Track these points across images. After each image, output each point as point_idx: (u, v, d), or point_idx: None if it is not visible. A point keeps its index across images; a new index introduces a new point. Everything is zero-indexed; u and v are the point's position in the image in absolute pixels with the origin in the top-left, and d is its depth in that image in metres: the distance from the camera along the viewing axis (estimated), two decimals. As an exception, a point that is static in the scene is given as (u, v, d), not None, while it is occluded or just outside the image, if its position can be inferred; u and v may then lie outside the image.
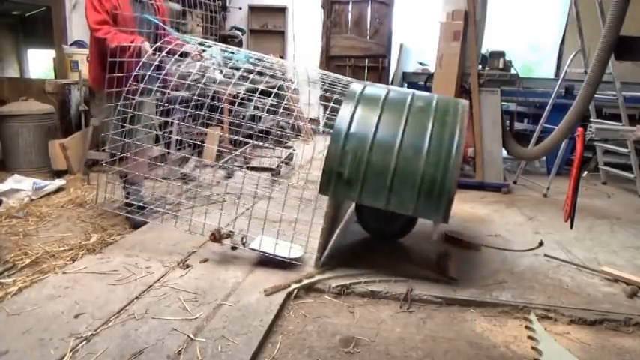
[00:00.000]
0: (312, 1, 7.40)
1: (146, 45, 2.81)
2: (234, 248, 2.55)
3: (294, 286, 2.24)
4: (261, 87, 2.67)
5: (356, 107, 2.40)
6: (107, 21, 2.82)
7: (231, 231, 2.56)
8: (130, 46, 2.76)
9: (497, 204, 3.93)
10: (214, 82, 4.89)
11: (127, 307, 2.03)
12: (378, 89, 2.58)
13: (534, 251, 2.81)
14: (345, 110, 2.39)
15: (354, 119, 2.35)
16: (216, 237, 2.49)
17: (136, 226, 2.99)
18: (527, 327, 2.06)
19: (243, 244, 2.54)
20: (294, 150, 5.03)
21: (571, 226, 2.63)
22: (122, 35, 2.81)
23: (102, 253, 2.58)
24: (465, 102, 2.51)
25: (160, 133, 3.41)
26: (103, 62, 2.78)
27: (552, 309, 2.17)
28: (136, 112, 2.70)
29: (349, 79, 2.73)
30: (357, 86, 2.55)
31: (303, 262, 2.50)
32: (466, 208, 3.76)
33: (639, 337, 2.05)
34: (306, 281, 2.28)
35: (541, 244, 2.85)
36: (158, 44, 2.85)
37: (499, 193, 4.26)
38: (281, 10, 7.64)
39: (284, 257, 2.47)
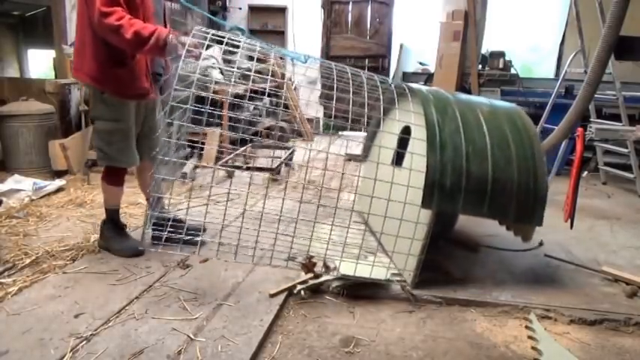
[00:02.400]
0: (312, 1, 7.40)
1: (173, 36, 2.26)
2: (317, 277, 2.29)
3: (299, 287, 2.24)
4: (267, 86, 2.48)
5: (437, 114, 2.34)
6: (119, 2, 2.23)
7: (311, 256, 2.36)
8: (150, 37, 2.18)
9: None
10: (214, 82, 4.90)
11: (127, 307, 2.03)
12: (441, 93, 2.59)
13: (534, 251, 2.81)
14: (431, 118, 2.31)
15: (441, 127, 2.29)
16: (309, 267, 2.31)
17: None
18: (527, 327, 2.06)
19: (328, 268, 2.35)
20: (294, 150, 5.03)
21: (571, 226, 2.63)
22: (139, 23, 2.21)
23: (102, 253, 2.58)
24: (517, 106, 2.56)
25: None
26: (105, 55, 2.33)
27: (552, 309, 2.17)
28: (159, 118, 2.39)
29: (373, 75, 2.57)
30: (418, 89, 2.53)
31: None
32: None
33: (639, 337, 2.05)
34: (311, 282, 2.27)
35: (541, 244, 2.86)
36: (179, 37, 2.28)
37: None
38: (281, 10, 7.64)
39: (381, 280, 2.28)
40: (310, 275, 2.29)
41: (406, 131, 2.76)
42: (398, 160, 2.73)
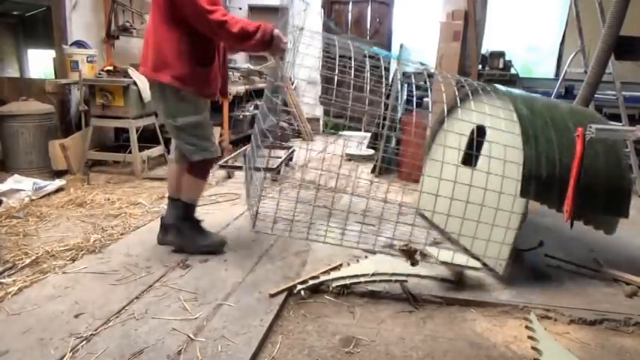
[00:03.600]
0: (312, 1, 7.40)
1: (277, 31, 2.31)
2: (413, 265, 2.34)
3: (299, 287, 2.24)
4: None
5: (526, 109, 2.45)
6: (217, 2, 2.27)
7: (408, 243, 2.40)
8: (256, 32, 2.24)
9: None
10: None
11: (127, 307, 2.03)
12: (523, 92, 2.75)
13: (534, 251, 2.81)
14: (522, 112, 2.42)
15: (532, 121, 2.39)
16: (411, 254, 2.32)
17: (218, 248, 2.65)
18: (527, 327, 2.06)
19: (424, 256, 2.39)
20: (294, 150, 5.03)
21: (571, 226, 2.62)
22: (243, 19, 2.30)
23: (102, 253, 2.58)
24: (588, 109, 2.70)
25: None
26: (190, 55, 2.34)
27: (552, 309, 2.17)
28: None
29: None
30: (503, 88, 2.65)
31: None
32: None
33: (639, 337, 2.05)
34: (311, 282, 2.28)
35: (541, 244, 2.85)
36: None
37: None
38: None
39: (477, 267, 2.41)
40: (408, 262, 2.34)
41: (477, 129, 2.86)
42: (469, 157, 2.79)
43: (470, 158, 2.74)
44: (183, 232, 2.60)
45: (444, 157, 2.71)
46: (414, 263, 2.34)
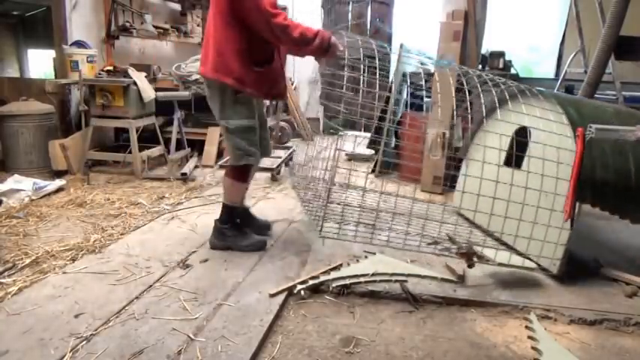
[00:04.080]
0: (312, 1, 7.40)
1: (334, 38, 2.42)
2: (470, 267, 2.38)
3: (299, 287, 2.24)
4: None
5: (576, 113, 2.47)
6: (278, 6, 2.36)
7: (464, 245, 2.47)
8: (314, 38, 2.34)
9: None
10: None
11: (127, 307, 2.03)
12: (569, 95, 2.79)
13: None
14: (573, 116, 2.44)
15: (582, 124, 2.36)
16: (469, 256, 2.35)
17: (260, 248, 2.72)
18: (527, 327, 2.06)
19: (480, 258, 2.40)
20: (294, 150, 5.03)
21: (571, 226, 2.62)
22: (303, 24, 2.37)
23: (102, 253, 2.58)
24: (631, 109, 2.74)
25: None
26: (250, 57, 2.41)
27: (552, 309, 2.17)
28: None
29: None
30: (550, 92, 2.71)
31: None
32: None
33: (639, 337, 2.05)
34: (311, 282, 2.28)
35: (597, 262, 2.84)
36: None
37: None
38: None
39: (532, 268, 2.47)
40: (466, 263, 2.38)
41: (519, 132, 2.89)
42: (510, 158, 2.82)
43: (512, 159, 2.77)
44: (225, 234, 2.70)
45: (484, 157, 2.75)
46: (470, 265, 2.38)
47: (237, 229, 2.74)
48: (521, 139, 2.83)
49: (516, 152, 2.73)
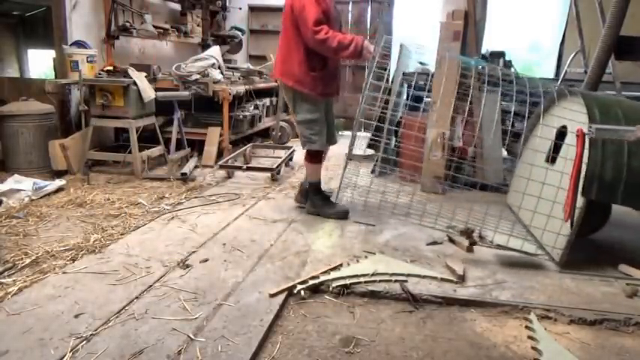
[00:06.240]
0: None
1: (367, 42, 2.93)
2: (472, 244, 2.62)
3: (299, 287, 2.24)
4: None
5: (600, 114, 2.54)
6: (323, 21, 2.90)
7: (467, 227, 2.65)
8: (350, 44, 2.88)
9: (496, 204, 3.92)
10: (215, 82, 4.90)
11: (127, 307, 2.03)
12: (608, 96, 2.98)
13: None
14: (594, 118, 2.51)
15: (602, 123, 2.46)
16: (469, 234, 2.58)
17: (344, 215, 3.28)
18: (527, 327, 2.06)
19: (482, 238, 2.60)
20: (294, 150, 5.03)
21: (571, 226, 2.63)
22: (340, 34, 2.93)
23: (102, 253, 2.58)
24: None
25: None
26: (308, 64, 3.01)
27: (552, 309, 2.17)
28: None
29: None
30: (583, 92, 2.80)
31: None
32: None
33: (639, 337, 2.05)
34: (311, 282, 2.28)
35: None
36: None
37: (499, 192, 4.25)
38: (281, 10, 7.63)
39: (531, 253, 2.60)
40: (466, 243, 2.65)
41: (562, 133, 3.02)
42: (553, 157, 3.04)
43: (553, 157, 2.97)
44: (315, 203, 3.34)
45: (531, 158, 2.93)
46: (472, 243, 2.62)
47: (325, 200, 3.36)
48: (560, 141, 2.97)
49: (553, 152, 2.94)
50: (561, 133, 2.99)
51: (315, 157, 3.30)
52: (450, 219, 2.87)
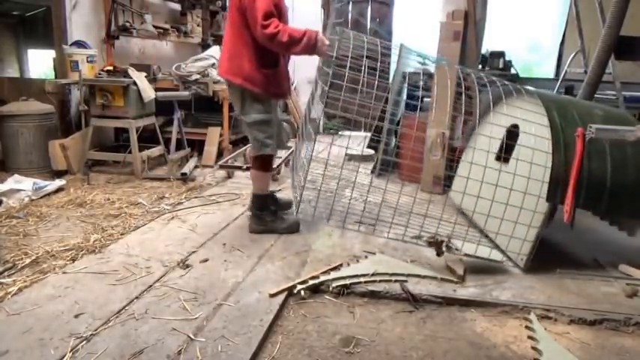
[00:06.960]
0: (312, 1, 7.39)
1: (321, 35, 2.65)
2: (439, 255, 2.50)
3: (299, 287, 2.24)
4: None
5: (559, 117, 2.51)
6: (275, 14, 2.62)
7: (435, 235, 2.54)
8: (302, 38, 2.59)
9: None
10: (215, 82, 4.90)
11: (127, 307, 2.03)
12: (562, 97, 2.91)
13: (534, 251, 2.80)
14: (555, 120, 2.49)
15: (564, 130, 2.46)
16: (438, 245, 2.47)
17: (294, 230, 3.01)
18: (527, 327, 2.06)
19: (449, 248, 2.50)
20: (293, 150, 5.02)
21: (571, 227, 2.63)
22: (291, 27, 2.63)
23: (102, 253, 2.58)
24: (623, 111, 2.80)
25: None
26: (258, 60, 2.71)
27: (552, 309, 2.17)
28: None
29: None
30: (539, 92, 2.74)
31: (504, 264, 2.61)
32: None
33: (639, 337, 2.05)
34: (311, 282, 2.28)
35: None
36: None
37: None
38: (281, 10, 7.62)
39: (498, 260, 2.57)
40: (435, 252, 2.51)
41: (510, 133, 2.97)
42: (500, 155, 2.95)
43: (502, 156, 2.88)
44: (263, 220, 2.99)
45: (472, 158, 2.77)
46: (439, 254, 2.49)
47: (274, 214, 3.03)
48: (511, 141, 2.88)
49: (505, 151, 2.83)
50: (510, 133, 2.92)
51: (267, 164, 2.97)
52: (418, 228, 2.69)
